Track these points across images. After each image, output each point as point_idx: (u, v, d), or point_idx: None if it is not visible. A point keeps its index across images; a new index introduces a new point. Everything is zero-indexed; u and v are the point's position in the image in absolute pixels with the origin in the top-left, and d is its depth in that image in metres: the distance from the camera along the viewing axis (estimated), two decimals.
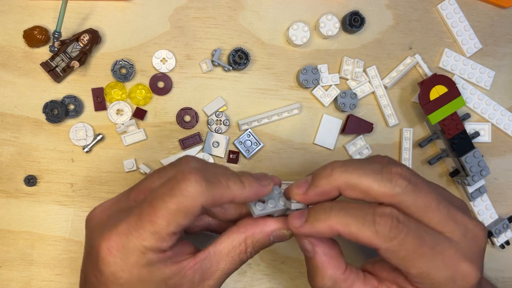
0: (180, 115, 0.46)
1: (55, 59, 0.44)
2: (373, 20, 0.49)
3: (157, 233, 0.30)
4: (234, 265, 0.33)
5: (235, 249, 0.33)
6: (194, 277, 0.32)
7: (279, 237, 0.34)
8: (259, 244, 0.34)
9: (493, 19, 0.50)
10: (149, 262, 0.30)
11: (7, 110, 0.45)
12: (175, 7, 0.46)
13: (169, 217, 0.30)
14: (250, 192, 0.32)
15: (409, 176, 0.30)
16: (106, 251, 0.31)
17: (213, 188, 0.30)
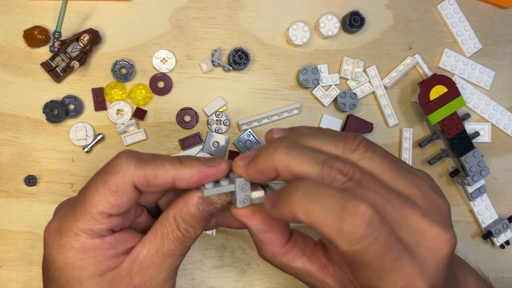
0: (180, 115, 0.46)
1: (55, 59, 0.44)
2: (373, 20, 0.49)
3: (88, 213, 0.29)
4: (173, 246, 0.31)
5: (167, 230, 0.31)
6: (131, 269, 0.30)
7: (207, 203, 0.31)
8: (189, 217, 0.31)
9: (493, 19, 0.50)
10: (84, 246, 0.29)
11: (8, 110, 0.45)
12: (175, 7, 0.46)
13: (99, 196, 0.29)
14: (191, 172, 0.30)
15: (351, 173, 0.27)
16: (46, 234, 0.31)
17: (145, 166, 0.30)
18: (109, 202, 0.29)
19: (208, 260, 0.46)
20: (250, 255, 0.46)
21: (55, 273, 0.30)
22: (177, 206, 0.31)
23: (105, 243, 0.30)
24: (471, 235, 0.50)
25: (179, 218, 0.31)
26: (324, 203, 0.25)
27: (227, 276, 0.46)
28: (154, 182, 0.30)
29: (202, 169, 0.30)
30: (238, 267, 0.46)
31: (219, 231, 0.46)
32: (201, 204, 0.31)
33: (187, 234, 0.31)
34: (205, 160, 0.31)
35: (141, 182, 0.30)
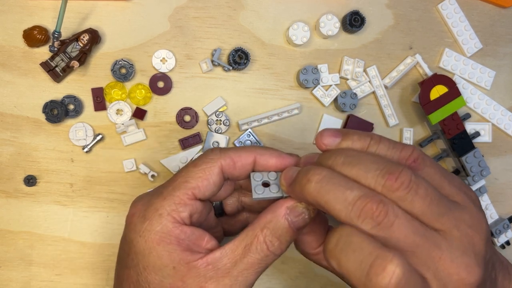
0: (180, 115, 0.46)
1: (54, 59, 0.44)
2: (373, 20, 0.49)
3: (176, 191, 0.31)
4: (255, 259, 0.31)
5: (252, 241, 0.31)
6: (207, 272, 0.30)
7: (295, 214, 0.30)
8: (276, 229, 0.30)
9: (494, 19, 0.50)
10: (163, 230, 0.30)
11: (7, 110, 0.45)
12: (175, 7, 0.46)
13: (189, 176, 0.31)
14: (271, 154, 0.32)
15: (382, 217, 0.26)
16: (130, 219, 0.32)
17: (228, 150, 0.32)
18: (197, 182, 0.31)
19: None
20: None
21: (135, 258, 0.31)
22: (265, 217, 0.31)
23: (181, 232, 0.30)
24: None
25: (267, 229, 0.31)
26: (353, 257, 0.26)
27: None
28: (239, 162, 0.32)
29: (280, 154, 0.33)
30: None
31: None
32: (289, 215, 0.31)
33: (271, 248, 0.31)
34: (279, 151, 0.33)
35: (227, 163, 0.32)
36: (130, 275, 0.31)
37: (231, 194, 0.37)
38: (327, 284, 0.47)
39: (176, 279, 0.30)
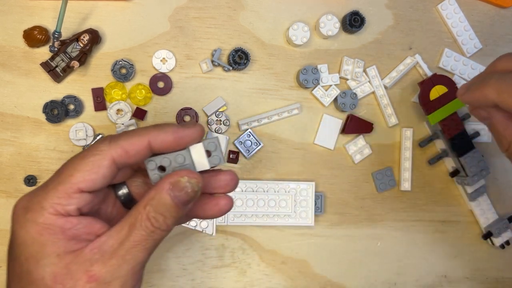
0: (180, 115, 0.46)
1: (55, 59, 0.44)
2: (373, 20, 0.49)
3: (60, 185, 0.29)
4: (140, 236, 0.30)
5: (135, 219, 0.30)
6: (92, 256, 0.29)
7: (178, 188, 0.30)
8: (159, 205, 0.30)
9: (493, 19, 0.50)
10: (46, 221, 0.29)
11: (7, 110, 0.45)
12: (175, 7, 0.46)
13: (74, 170, 0.29)
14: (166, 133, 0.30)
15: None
16: (13, 211, 0.31)
17: (117, 138, 0.30)
18: (84, 176, 0.29)
19: (208, 260, 0.46)
20: (250, 255, 0.46)
21: (17, 250, 0.30)
22: (148, 194, 0.30)
23: (67, 222, 0.29)
24: (471, 235, 0.50)
25: (150, 206, 0.30)
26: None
27: (227, 276, 0.46)
28: (132, 151, 0.30)
29: (176, 130, 0.30)
30: (238, 267, 0.46)
31: (219, 232, 0.46)
32: (172, 190, 0.30)
33: (156, 224, 0.30)
34: (180, 124, 0.31)
35: (119, 154, 0.30)
36: (14, 267, 0.30)
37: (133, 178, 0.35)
38: (327, 284, 0.47)
39: (59, 267, 0.29)
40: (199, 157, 0.31)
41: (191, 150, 0.31)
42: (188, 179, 0.30)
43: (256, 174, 0.47)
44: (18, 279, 0.30)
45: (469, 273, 0.49)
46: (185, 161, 0.31)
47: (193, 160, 0.31)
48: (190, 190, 0.30)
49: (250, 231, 0.47)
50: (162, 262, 0.45)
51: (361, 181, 0.48)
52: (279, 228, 0.47)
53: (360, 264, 0.48)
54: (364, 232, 0.48)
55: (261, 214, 0.45)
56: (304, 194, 0.46)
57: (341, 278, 0.47)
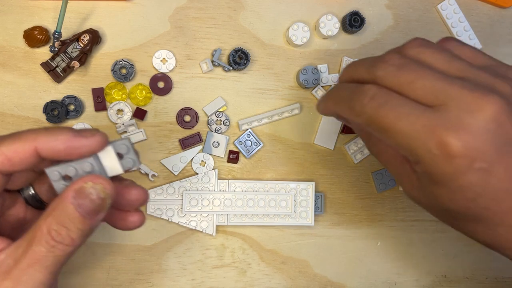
0: (180, 115, 0.46)
1: (55, 59, 0.44)
2: (373, 20, 0.49)
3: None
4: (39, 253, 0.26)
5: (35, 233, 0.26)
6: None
7: (82, 196, 0.27)
8: (62, 215, 0.26)
9: (493, 19, 0.50)
10: None
11: (7, 110, 0.45)
12: (175, 7, 0.46)
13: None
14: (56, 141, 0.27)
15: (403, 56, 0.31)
16: None
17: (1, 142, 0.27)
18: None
19: (208, 260, 0.46)
20: (250, 255, 0.46)
21: None
22: (52, 204, 0.27)
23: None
24: None
25: (51, 217, 0.26)
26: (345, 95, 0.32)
27: (227, 276, 0.46)
28: (15, 158, 0.26)
29: (69, 139, 0.27)
30: (238, 267, 0.46)
31: (219, 231, 0.46)
32: (75, 198, 0.26)
33: (58, 238, 0.26)
34: (78, 131, 0.27)
35: (0, 161, 0.26)
36: None
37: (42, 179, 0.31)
38: (327, 284, 0.47)
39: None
40: (110, 161, 0.28)
41: (100, 156, 0.28)
42: (93, 184, 0.27)
43: (256, 174, 0.47)
44: None
45: (469, 273, 0.50)
46: (94, 168, 0.28)
47: (104, 166, 0.28)
48: (95, 197, 0.27)
49: (250, 231, 0.47)
50: (163, 262, 0.45)
51: (361, 181, 0.48)
52: (279, 228, 0.47)
53: (360, 264, 0.48)
54: (364, 232, 0.48)
55: (261, 214, 0.45)
56: (304, 194, 0.46)
57: (341, 278, 0.47)
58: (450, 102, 0.27)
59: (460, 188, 0.28)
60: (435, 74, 0.29)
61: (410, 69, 0.29)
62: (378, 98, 0.29)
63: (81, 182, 0.27)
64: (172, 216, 0.45)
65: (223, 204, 0.45)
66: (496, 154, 0.27)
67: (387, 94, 0.29)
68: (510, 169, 0.27)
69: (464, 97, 0.27)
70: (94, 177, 0.27)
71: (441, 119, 0.27)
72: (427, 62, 0.30)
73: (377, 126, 0.30)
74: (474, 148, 0.26)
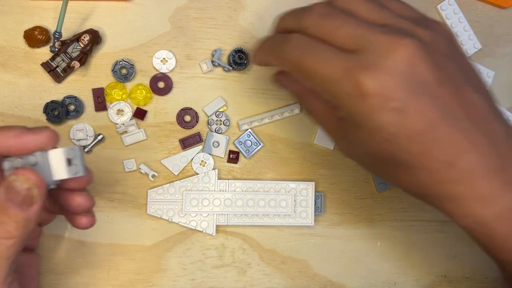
0: (180, 115, 0.46)
1: (55, 59, 0.44)
2: None
3: None
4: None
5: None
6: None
7: (10, 189, 0.28)
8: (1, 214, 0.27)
9: (493, 20, 0.51)
10: None
11: (8, 111, 0.45)
12: (175, 7, 0.46)
13: None
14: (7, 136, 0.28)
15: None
16: None
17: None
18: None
19: (208, 260, 0.46)
20: (250, 255, 0.46)
21: None
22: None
23: None
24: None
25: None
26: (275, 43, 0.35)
27: (227, 276, 0.46)
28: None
29: (19, 133, 0.28)
30: (238, 267, 0.46)
31: (219, 231, 0.46)
32: (6, 193, 0.27)
33: (8, 234, 0.27)
34: (28, 128, 0.29)
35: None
36: None
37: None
38: (327, 284, 0.47)
39: None
40: (58, 164, 0.29)
41: (50, 154, 0.29)
42: (24, 178, 0.28)
43: (256, 174, 0.47)
44: None
45: (469, 273, 0.50)
46: (39, 164, 0.29)
47: (50, 166, 0.29)
48: (22, 189, 0.27)
49: (250, 231, 0.47)
50: (163, 262, 0.45)
51: (361, 181, 0.48)
52: (279, 228, 0.47)
53: (360, 264, 0.48)
54: (364, 232, 0.48)
55: (261, 214, 0.45)
56: (304, 194, 0.46)
57: (341, 278, 0.48)
58: (368, 46, 0.29)
59: (376, 129, 0.29)
60: (356, 21, 0.31)
61: (333, 17, 0.31)
62: (302, 46, 0.31)
63: (13, 175, 0.28)
64: (173, 216, 0.45)
65: (223, 204, 0.45)
66: (409, 95, 0.28)
67: (310, 41, 0.31)
68: (422, 111, 0.28)
69: (381, 40, 0.29)
70: (26, 171, 0.28)
71: (357, 61, 0.29)
72: (352, 11, 0.32)
73: (301, 71, 0.32)
74: (387, 87, 0.28)
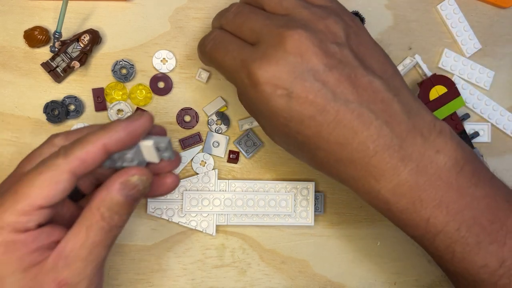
0: (180, 115, 0.46)
1: (55, 59, 0.44)
2: (372, 20, 0.49)
3: (18, 204, 0.29)
4: (99, 236, 0.31)
5: (91, 221, 0.30)
6: (57, 264, 0.30)
7: (129, 187, 0.31)
8: (112, 205, 0.31)
9: (493, 19, 0.51)
10: (6, 240, 0.28)
11: (8, 110, 0.45)
12: (175, 7, 0.46)
13: (33, 187, 0.29)
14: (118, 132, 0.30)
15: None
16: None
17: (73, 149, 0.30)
18: (43, 192, 0.29)
19: (208, 260, 0.46)
20: (250, 255, 0.47)
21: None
22: (99, 195, 0.31)
23: (29, 237, 0.29)
24: None
25: (103, 207, 0.30)
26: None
27: (227, 276, 0.46)
28: (89, 159, 0.30)
29: (126, 125, 0.31)
30: (238, 267, 0.46)
31: (219, 231, 0.46)
32: (123, 190, 0.31)
33: (112, 223, 0.31)
34: (126, 119, 0.32)
35: (76, 165, 0.29)
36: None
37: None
38: (327, 284, 0.47)
39: (27, 280, 0.29)
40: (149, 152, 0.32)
41: (141, 146, 0.32)
42: (139, 177, 0.31)
43: (256, 174, 0.47)
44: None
45: None
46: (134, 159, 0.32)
47: (143, 155, 0.33)
48: (142, 188, 0.32)
49: (250, 231, 0.47)
50: (163, 262, 0.45)
51: None
52: (279, 228, 0.47)
53: (360, 264, 0.48)
54: (364, 231, 0.48)
55: (261, 214, 0.45)
56: (304, 194, 0.46)
57: (341, 278, 0.48)
58: (263, 39, 0.32)
59: (273, 114, 0.32)
60: (259, 16, 0.34)
61: (243, 14, 0.35)
62: (215, 40, 0.36)
63: (126, 175, 0.31)
64: (172, 216, 0.45)
65: (223, 204, 0.45)
66: (295, 81, 0.31)
67: (222, 36, 0.35)
68: (309, 96, 0.31)
69: (273, 33, 0.32)
70: (138, 170, 0.31)
71: (252, 53, 0.32)
72: (262, 5, 0.35)
73: (213, 63, 0.36)
74: (275, 76, 0.31)
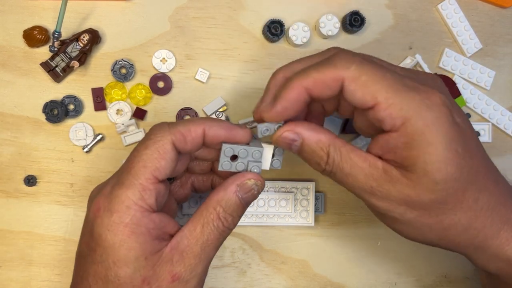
0: (180, 115, 0.46)
1: (55, 59, 0.44)
2: (373, 20, 0.49)
3: (137, 179, 0.30)
4: (213, 235, 0.32)
5: (207, 219, 0.32)
6: (172, 257, 0.31)
7: (245, 189, 0.33)
8: (228, 206, 0.32)
9: (493, 19, 0.50)
10: (133, 221, 0.30)
11: (7, 110, 0.45)
12: (175, 7, 0.46)
13: (145, 160, 0.30)
14: (220, 126, 0.32)
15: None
16: (95, 213, 0.31)
17: (176, 124, 0.32)
18: (155, 164, 0.30)
19: None
20: (250, 255, 0.46)
21: (103, 254, 0.30)
22: (217, 195, 0.32)
23: (150, 221, 0.30)
24: None
25: (220, 207, 0.32)
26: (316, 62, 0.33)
27: (227, 276, 0.46)
28: (189, 137, 0.31)
29: (230, 127, 0.33)
30: (238, 267, 0.46)
31: None
32: (239, 192, 0.32)
33: (226, 224, 0.32)
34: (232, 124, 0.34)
35: (178, 138, 0.31)
36: (97, 271, 0.30)
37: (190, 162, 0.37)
38: (327, 284, 0.47)
39: (147, 269, 0.30)
40: (266, 158, 0.34)
41: (265, 149, 0.34)
42: (255, 181, 0.33)
43: None
44: (103, 282, 0.30)
45: (469, 273, 0.49)
46: (259, 158, 0.33)
47: (263, 158, 0.34)
48: (256, 192, 0.33)
49: (250, 231, 0.47)
50: None
51: None
52: (279, 228, 0.47)
53: (360, 264, 0.48)
54: (364, 232, 0.48)
55: (261, 214, 0.45)
56: (304, 194, 0.46)
57: (341, 278, 0.47)
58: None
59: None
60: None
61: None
62: None
63: (244, 178, 0.33)
64: None
65: None
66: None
67: None
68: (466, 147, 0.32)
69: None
70: (254, 175, 0.33)
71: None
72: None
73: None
74: None
